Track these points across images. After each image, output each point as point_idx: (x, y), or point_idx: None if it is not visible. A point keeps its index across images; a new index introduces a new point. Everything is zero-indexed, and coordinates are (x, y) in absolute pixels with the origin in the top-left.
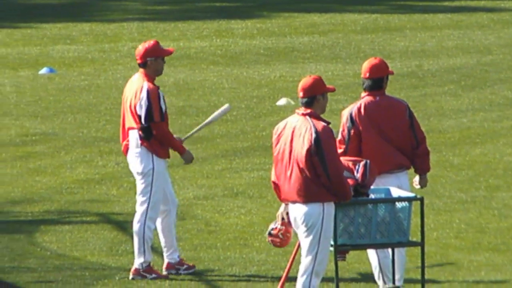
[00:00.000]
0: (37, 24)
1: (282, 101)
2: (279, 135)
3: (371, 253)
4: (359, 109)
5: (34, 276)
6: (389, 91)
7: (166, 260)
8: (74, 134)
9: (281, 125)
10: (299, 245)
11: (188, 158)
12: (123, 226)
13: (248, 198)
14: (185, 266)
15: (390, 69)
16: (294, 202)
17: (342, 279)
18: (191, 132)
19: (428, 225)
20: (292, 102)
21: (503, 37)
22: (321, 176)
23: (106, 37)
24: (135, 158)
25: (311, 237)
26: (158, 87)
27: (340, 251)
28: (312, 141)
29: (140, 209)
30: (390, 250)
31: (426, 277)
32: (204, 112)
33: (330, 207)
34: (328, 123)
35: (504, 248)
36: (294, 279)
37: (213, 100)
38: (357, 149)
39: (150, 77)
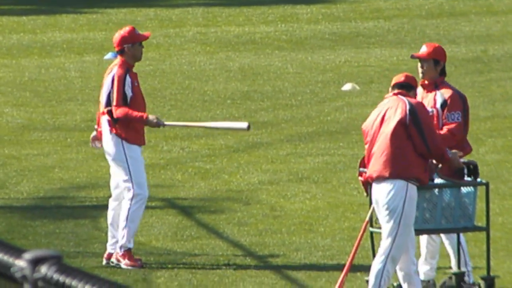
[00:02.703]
0: (102, 10)
1: (347, 86)
2: (369, 120)
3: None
4: (460, 92)
5: (99, 261)
6: (455, 76)
7: (108, 250)
8: None
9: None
10: (364, 230)
11: (151, 123)
12: (188, 211)
13: (313, 183)
14: (126, 261)
15: None
16: (378, 178)
17: None
18: (182, 124)
19: (493, 210)
20: (357, 87)
21: None
22: (418, 146)
23: (171, 22)
24: (107, 144)
25: (392, 221)
26: (126, 73)
27: None
28: (407, 112)
29: (127, 195)
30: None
31: (491, 262)
32: (268, 97)
33: (413, 191)
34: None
35: None
36: (359, 265)
37: (277, 85)
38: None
39: (128, 64)
